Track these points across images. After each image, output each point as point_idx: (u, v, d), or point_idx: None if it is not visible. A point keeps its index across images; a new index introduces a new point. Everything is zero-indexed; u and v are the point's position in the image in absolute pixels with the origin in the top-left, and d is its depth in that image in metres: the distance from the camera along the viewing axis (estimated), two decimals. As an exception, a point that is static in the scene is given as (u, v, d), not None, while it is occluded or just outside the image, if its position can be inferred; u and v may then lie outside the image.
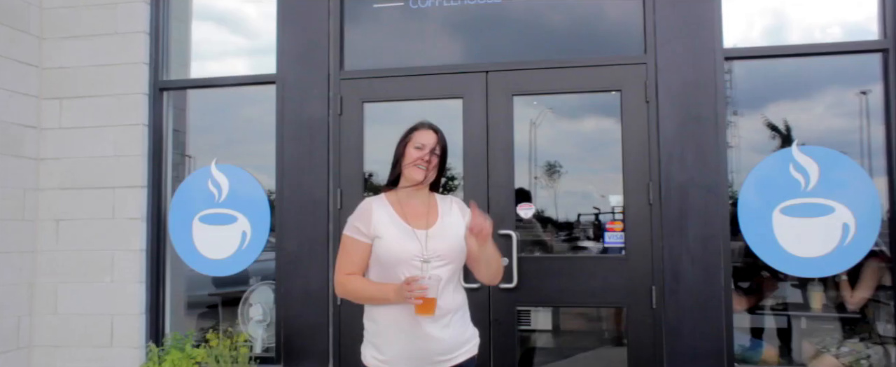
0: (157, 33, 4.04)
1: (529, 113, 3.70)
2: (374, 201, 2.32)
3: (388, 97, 3.76)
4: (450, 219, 2.34)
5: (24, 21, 3.98)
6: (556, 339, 3.89)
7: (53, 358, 3.92)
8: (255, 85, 3.99)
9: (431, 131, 2.35)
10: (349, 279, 2.25)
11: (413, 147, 2.30)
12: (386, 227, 2.23)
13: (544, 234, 3.70)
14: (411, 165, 2.28)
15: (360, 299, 2.29)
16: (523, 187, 3.65)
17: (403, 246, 2.20)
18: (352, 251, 2.25)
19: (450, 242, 2.28)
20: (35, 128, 4.01)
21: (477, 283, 3.52)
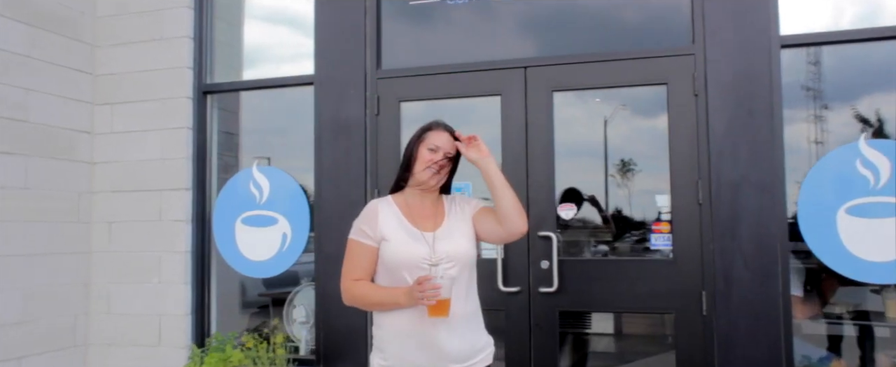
0: (200, 37, 4.15)
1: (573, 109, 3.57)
2: (380, 203, 2.26)
3: (424, 96, 3.73)
4: (456, 218, 2.29)
5: (78, 30, 4.16)
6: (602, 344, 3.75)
7: (107, 356, 4.08)
8: (295, 86, 4.02)
9: (446, 133, 2.29)
10: (356, 285, 2.19)
11: (426, 148, 2.24)
12: (392, 229, 2.18)
13: (587, 235, 3.57)
14: (423, 168, 2.23)
15: (368, 306, 2.24)
16: (574, 188, 3.52)
17: (411, 249, 2.15)
18: (358, 256, 2.19)
19: (458, 242, 2.21)
20: (89, 133, 4.19)
21: (517, 286, 3.44)
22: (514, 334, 3.49)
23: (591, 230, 3.57)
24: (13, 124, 3.71)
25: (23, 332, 3.71)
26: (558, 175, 3.50)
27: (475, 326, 2.26)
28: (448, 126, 2.33)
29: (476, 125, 3.79)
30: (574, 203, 3.53)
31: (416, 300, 2.01)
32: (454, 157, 2.30)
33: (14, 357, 3.67)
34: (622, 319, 3.77)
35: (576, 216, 3.54)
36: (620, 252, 3.54)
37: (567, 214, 3.49)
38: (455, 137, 2.30)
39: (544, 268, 3.44)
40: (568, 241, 3.55)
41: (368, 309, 2.26)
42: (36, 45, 3.86)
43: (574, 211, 3.50)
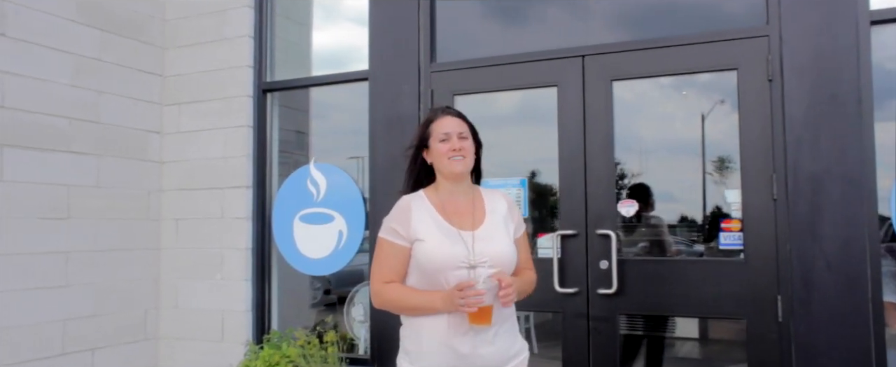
0: (260, 36, 4.25)
1: (634, 99, 3.40)
2: (412, 199, 2.12)
3: (478, 89, 3.66)
4: (498, 219, 2.14)
5: (148, 33, 4.36)
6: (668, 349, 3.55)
7: (175, 350, 4.26)
8: (350, 82, 4.04)
9: (449, 116, 2.15)
10: (388, 289, 2.06)
11: (437, 141, 2.11)
12: (427, 228, 2.04)
13: (649, 233, 3.39)
14: (446, 161, 2.08)
15: (401, 310, 2.09)
16: (643, 183, 3.35)
17: (448, 250, 2.00)
18: (390, 256, 2.06)
19: (499, 244, 2.06)
20: (158, 133, 4.38)
21: (575, 287, 3.32)
22: (571, 338, 3.36)
23: (654, 228, 3.38)
24: (85, 126, 3.93)
25: (95, 325, 3.93)
26: (618, 169, 3.33)
27: (510, 331, 2.12)
28: (448, 108, 2.22)
29: (531, 118, 3.68)
30: (639, 200, 3.35)
31: (456, 307, 1.89)
32: (473, 136, 2.17)
33: (88, 349, 3.89)
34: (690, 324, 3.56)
35: (649, 214, 3.36)
36: (686, 252, 3.33)
37: (628, 210, 3.33)
38: (461, 118, 2.18)
39: (603, 268, 3.29)
40: (629, 240, 3.38)
41: (401, 314, 2.10)
42: (107, 48, 4.08)
43: (635, 208, 3.32)
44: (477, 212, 2.13)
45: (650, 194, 3.38)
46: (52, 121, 3.76)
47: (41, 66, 3.71)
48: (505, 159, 3.63)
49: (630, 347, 3.47)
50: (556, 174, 3.44)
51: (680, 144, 3.37)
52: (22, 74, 3.62)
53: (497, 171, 3.63)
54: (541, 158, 3.53)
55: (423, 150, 2.16)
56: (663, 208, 3.38)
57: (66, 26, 3.86)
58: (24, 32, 3.64)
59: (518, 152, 3.66)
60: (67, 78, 3.85)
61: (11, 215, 3.53)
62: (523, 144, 3.68)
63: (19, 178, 3.58)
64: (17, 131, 3.57)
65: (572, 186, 3.39)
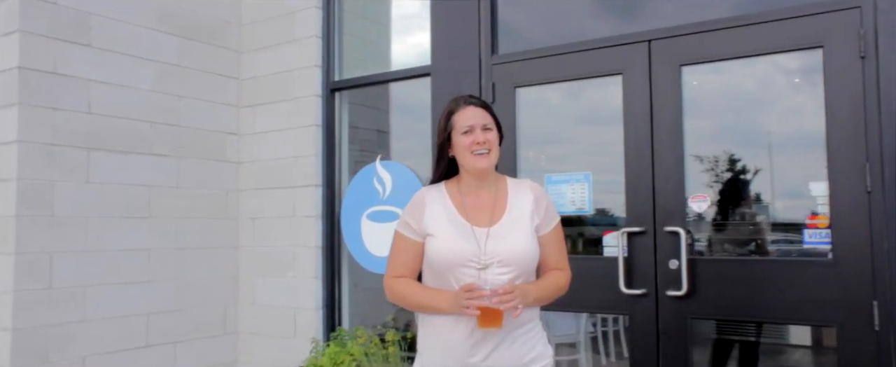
0: (328, 35, 4.35)
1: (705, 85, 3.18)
2: (428, 192, 2.06)
3: (539, 80, 3.56)
4: (520, 214, 2.03)
5: (225, 38, 4.58)
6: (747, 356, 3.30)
7: (253, 345, 4.45)
8: (414, 78, 4.06)
9: (471, 106, 2.04)
10: (398, 283, 2.02)
11: (460, 134, 2.00)
12: (439, 223, 1.98)
13: (724, 231, 3.16)
14: (469, 155, 1.98)
15: (410, 307, 2.05)
16: (743, 177, 3.11)
17: (457, 247, 1.93)
18: (401, 251, 2.03)
19: (515, 243, 1.96)
20: (235, 134, 4.59)
21: (642, 288, 3.15)
22: (638, 342, 3.19)
23: (729, 225, 3.15)
24: (166, 129, 4.18)
25: (177, 319, 4.17)
26: (688, 162, 3.13)
27: (530, 336, 2.00)
28: (471, 98, 2.09)
29: (596, 109, 3.53)
30: (730, 195, 3.13)
31: (461, 309, 1.82)
32: (497, 127, 2.07)
33: (170, 342, 4.14)
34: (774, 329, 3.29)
35: (741, 210, 3.14)
36: (766, 251, 3.07)
37: (700, 206, 3.12)
38: (485, 107, 2.08)
39: (672, 268, 3.10)
40: (702, 238, 3.17)
41: (410, 310, 2.08)
42: (186, 54, 4.31)
43: (707, 203, 3.10)
44: (497, 207, 2.03)
45: (742, 189, 3.15)
46: (135, 125, 4.02)
47: (124, 73, 3.98)
48: (568, 153, 3.51)
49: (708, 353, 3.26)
50: (622, 168, 3.27)
51: (757, 132, 3.11)
52: (106, 81, 3.90)
53: (561, 166, 3.52)
54: (606, 152, 3.38)
55: (447, 144, 2.07)
56: (730, 203, 3.14)
57: (148, 35, 4.12)
58: (108, 42, 3.92)
59: (582, 146, 3.53)
60: (149, 84, 4.11)
61: (98, 215, 3.81)
62: (587, 136, 3.54)
63: (105, 179, 3.85)
64: (102, 136, 3.85)
65: (639, 180, 3.22)
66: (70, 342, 3.65)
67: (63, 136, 3.68)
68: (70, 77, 3.73)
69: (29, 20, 3.59)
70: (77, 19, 3.79)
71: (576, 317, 4.46)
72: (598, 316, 4.32)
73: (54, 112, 3.65)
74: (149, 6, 4.13)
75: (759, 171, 3.06)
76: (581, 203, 3.41)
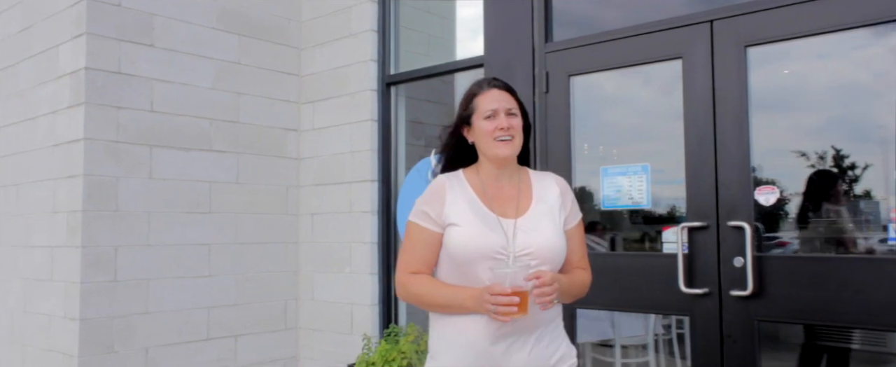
0: (384, 29, 4.35)
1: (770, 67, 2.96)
2: (448, 180, 1.94)
3: (595, 67, 3.42)
4: (548, 206, 1.93)
5: (285, 35, 4.67)
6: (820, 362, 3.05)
7: (312, 340, 4.51)
8: (468, 70, 4.00)
9: (496, 89, 1.93)
10: (413, 280, 1.88)
11: (482, 119, 1.89)
12: (462, 213, 1.85)
13: (795, 226, 2.93)
14: (491, 142, 1.88)
15: (427, 306, 1.91)
16: (828, 169, 2.87)
17: (483, 239, 1.80)
18: (418, 243, 1.89)
19: (545, 235, 1.86)
20: (295, 130, 4.67)
21: (704, 288, 2.97)
22: (701, 346, 3.01)
23: (801, 219, 2.91)
24: (226, 125, 4.29)
25: (238, 313, 4.28)
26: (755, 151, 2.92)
27: (555, 335, 1.91)
28: (496, 80, 1.97)
29: (652, 97, 3.36)
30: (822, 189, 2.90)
31: (486, 311, 1.71)
32: (522, 113, 1.97)
33: (231, 335, 4.25)
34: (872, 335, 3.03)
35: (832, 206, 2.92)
36: (843, 248, 2.82)
37: (767, 198, 2.90)
38: (510, 91, 1.97)
39: (737, 266, 2.90)
40: (769, 233, 2.95)
41: (428, 310, 1.93)
42: (246, 52, 4.42)
43: (776, 195, 2.88)
44: (523, 198, 1.93)
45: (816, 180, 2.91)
46: (196, 122, 4.15)
47: (185, 72, 4.12)
48: (625, 144, 3.35)
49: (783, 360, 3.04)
50: (682, 159, 3.10)
51: (832, 118, 2.86)
52: (168, 80, 4.04)
53: (617, 157, 3.37)
54: (665, 142, 3.21)
55: (464, 127, 1.97)
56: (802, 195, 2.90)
57: (208, 34, 4.25)
58: (169, 42, 4.06)
59: (640, 136, 3.36)
60: (209, 82, 4.24)
61: (160, 210, 3.96)
62: (645, 126, 3.38)
63: (166, 175, 4.00)
64: (164, 133, 4.00)
65: (700, 171, 3.04)
66: (133, 334, 3.81)
67: (127, 133, 3.85)
68: (134, 77, 3.89)
69: (95, 23, 3.77)
70: (141, 21, 3.94)
71: (645, 318, 4.29)
72: (672, 317, 4.13)
73: (119, 111, 3.82)
74: (209, 6, 4.25)
75: (837, 160, 2.81)
76: (639, 197, 3.25)
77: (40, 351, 3.92)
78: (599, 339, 4.30)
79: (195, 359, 4.06)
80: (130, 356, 3.79)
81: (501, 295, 1.67)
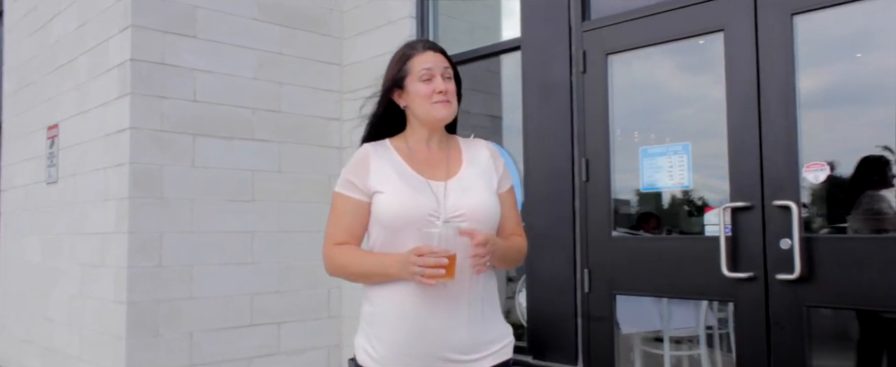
0: (422, 16, 4.33)
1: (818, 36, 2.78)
2: (374, 148, 1.88)
3: (633, 45, 3.30)
4: (479, 169, 1.87)
5: (327, 26, 4.70)
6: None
7: (355, 328, 4.51)
8: (504, 53, 3.93)
9: (430, 51, 1.86)
10: (339, 251, 1.82)
11: (417, 81, 1.82)
12: (389, 179, 1.78)
13: (847, 205, 2.74)
14: (427, 104, 1.81)
15: (353, 277, 1.85)
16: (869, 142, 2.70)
17: (412, 202, 1.73)
18: (343, 213, 1.82)
19: (478, 196, 1.79)
20: (338, 120, 4.71)
21: (749, 271, 2.82)
22: (745, 333, 2.86)
23: (853, 198, 2.72)
24: (268, 115, 4.36)
25: (280, 300, 4.33)
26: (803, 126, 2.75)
27: (490, 310, 1.83)
28: (428, 42, 1.91)
29: (693, 74, 3.21)
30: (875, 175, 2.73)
31: (411, 275, 1.64)
32: (456, 76, 1.89)
33: (275, 322, 4.31)
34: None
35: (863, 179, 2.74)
36: None
37: (816, 176, 2.73)
38: (444, 55, 1.89)
39: (784, 248, 2.74)
40: (819, 213, 2.77)
41: (355, 281, 1.86)
42: (288, 43, 4.48)
43: (826, 172, 2.71)
44: (452, 162, 1.87)
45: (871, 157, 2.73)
46: (238, 112, 4.23)
47: (228, 62, 4.20)
48: (665, 124, 3.22)
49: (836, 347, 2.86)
50: (725, 136, 2.95)
51: (886, 88, 2.66)
52: (211, 70, 4.13)
53: (657, 137, 3.24)
54: (706, 119, 3.06)
55: (395, 91, 1.89)
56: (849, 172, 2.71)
57: (250, 25, 4.32)
58: (212, 33, 4.15)
59: (680, 114, 3.23)
60: (251, 72, 4.31)
61: (203, 198, 4.05)
62: (686, 104, 3.23)
63: (209, 164, 4.08)
64: (207, 122, 4.08)
65: (744, 149, 2.88)
66: (178, 318, 3.90)
67: (171, 123, 3.95)
68: (177, 67, 3.99)
69: (140, 16, 3.88)
70: (184, 13, 4.04)
71: (696, 309, 4.12)
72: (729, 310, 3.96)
73: (162, 100, 3.92)
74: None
75: (887, 131, 2.62)
76: (679, 177, 3.11)
77: (94, 334, 4.07)
78: (646, 330, 4.16)
79: (239, 345, 4.13)
80: (175, 340, 3.89)
81: (428, 255, 1.60)
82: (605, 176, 3.32)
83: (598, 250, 3.33)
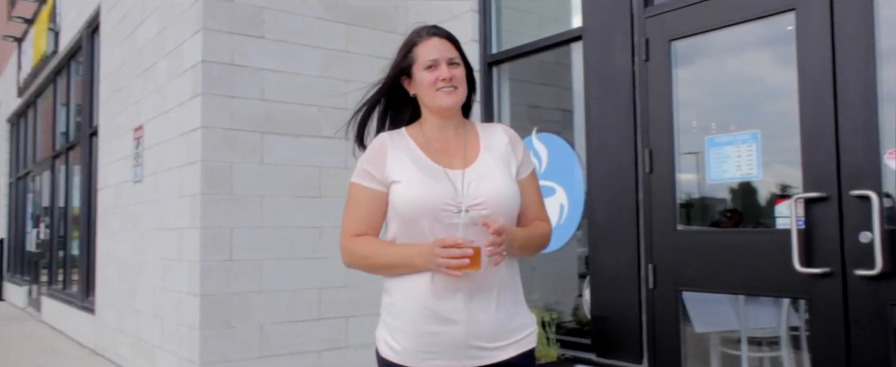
0: (485, 9, 4.28)
1: None
2: (390, 137, 1.82)
3: (697, 29, 3.14)
4: (497, 155, 1.80)
5: (392, 22, 4.74)
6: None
7: (421, 323, 4.52)
8: (567, 43, 3.83)
9: (436, 38, 1.80)
10: (357, 243, 1.77)
11: (422, 69, 1.77)
12: (405, 168, 1.73)
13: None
14: (432, 92, 1.76)
15: (374, 269, 1.80)
16: None
17: (430, 191, 1.68)
18: (361, 204, 1.77)
19: (497, 183, 1.73)
20: (404, 116, 4.72)
21: (824, 267, 2.63)
22: (821, 332, 2.66)
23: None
24: (334, 112, 4.43)
25: (348, 295, 4.39)
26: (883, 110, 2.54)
27: (512, 298, 1.76)
28: (434, 28, 1.82)
29: (761, 58, 3.02)
30: None
31: (436, 266, 1.60)
32: (464, 62, 1.82)
33: (342, 316, 4.38)
34: None
35: None
36: None
37: (899, 163, 2.50)
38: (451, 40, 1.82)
39: (864, 242, 2.53)
40: (903, 203, 2.55)
41: (375, 273, 1.81)
42: (353, 40, 4.54)
43: (910, 158, 2.48)
44: (470, 149, 1.80)
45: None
46: (304, 109, 4.32)
47: (295, 61, 4.30)
48: (732, 111, 3.05)
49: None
50: (797, 122, 2.75)
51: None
52: (278, 70, 4.23)
53: (724, 126, 3.07)
54: (777, 106, 2.88)
55: (404, 79, 1.85)
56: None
57: (316, 24, 4.41)
58: (279, 33, 4.26)
59: (748, 101, 3.04)
60: (318, 70, 4.39)
61: (272, 194, 4.16)
62: (754, 90, 3.04)
63: (278, 161, 4.19)
64: (275, 120, 4.19)
65: (818, 135, 2.69)
66: (249, 310, 4.02)
67: (240, 121, 4.07)
68: (245, 67, 4.11)
69: (211, 19, 4.03)
70: (252, 14, 4.16)
71: (776, 308, 3.89)
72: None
73: (232, 100, 4.05)
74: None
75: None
76: (748, 167, 2.93)
77: (173, 325, 4.25)
78: (721, 330, 3.95)
79: (307, 337, 4.22)
80: (246, 332, 4.01)
81: (453, 246, 1.57)
82: (669, 168, 3.17)
83: (662, 245, 3.19)
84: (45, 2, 8.74)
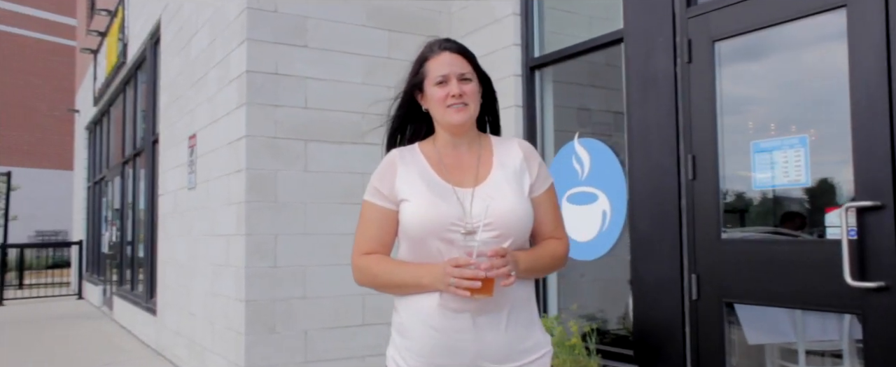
0: (527, 12, 4.21)
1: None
2: (401, 153, 1.82)
3: (742, 29, 2.99)
4: (510, 172, 1.74)
5: (436, 28, 4.72)
6: None
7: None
8: (608, 46, 3.73)
9: (447, 52, 1.76)
10: (368, 261, 1.75)
11: (433, 85, 1.74)
12: (414, 186, 1.72)
13: None
14: (443, 109, 1.73)
15: (384, 288, 1.77)
16: None
17: (436, 211, 1.66)
18: (371, 222, 1.77)
19: (506, 204, 1.68)
20: (447, 121, 4.69)
21: (879, 280, 2.46)
22: (877, 351, 2.49)
23: None
24: (378, 119, 4.35)
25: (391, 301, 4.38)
26: (942, 111, 2.35)
27: (525, 318, 1.71)
28: (446, 42, 1.79)
29: (810, 58, 2.85)
30: None
31: (446, 286, 1.58)
32: (479, 76, 1.77)
33: (386, 322, 4.32)
34: None
35: None
36: None
37: (961, 170, 2.31)
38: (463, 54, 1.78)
39: (921, 254, 2.35)
40: (965, 213, 2.35)
41: (385, 292, 1.79)
42: (396, 47, 4.54)
43: (972, 165, 2.29)
44: (482, 166, 1.76)
45: None
46: (348, 117, 4.35)
47: (337, 69, 4.33)
48: (779, 114, 2.89)
49: None
50: (848, 126, 2.59)
51: None
52: (321, 77, 4.28)
53: (770, 130, 2.92)
54: (826, 108, 2.71)
55: (417, 94, 1.82)
56: None
57: (359, 32, 4.43)
58: (322, 42, 4.30)
59: (795, 104, 2.88)
60: (360, 77, 4.41)
61: (315, 200, 4.20)
62: (802, 92, 2.87)
63: (321, 168, 4.23)
64: (318, 128, 4.24)
65: (872, 140, 2.51)
66: (293, 316, 4.07)
67: (284, 129, 4.13)
68: (289, 76, 4.17)
69: (255, 29, 4.10)
70: (295, 24, 4.22)
71: (839, 319, 3.67)
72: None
73: (276, 109, 4.12)
74: (359, 5, 4.43)
75: None
76: (796, 174, 2.77)
77: (222, 328, 4.36)
78: (776, 341, 3.76)
79: (351, 343, 4.25)
80: (291, 337, 4.06)
81: (466, 267, 1.55)
82: (713, 173, 3.04)
83: (706, 254, 3.05)
84: (115, 15, 9.13)
